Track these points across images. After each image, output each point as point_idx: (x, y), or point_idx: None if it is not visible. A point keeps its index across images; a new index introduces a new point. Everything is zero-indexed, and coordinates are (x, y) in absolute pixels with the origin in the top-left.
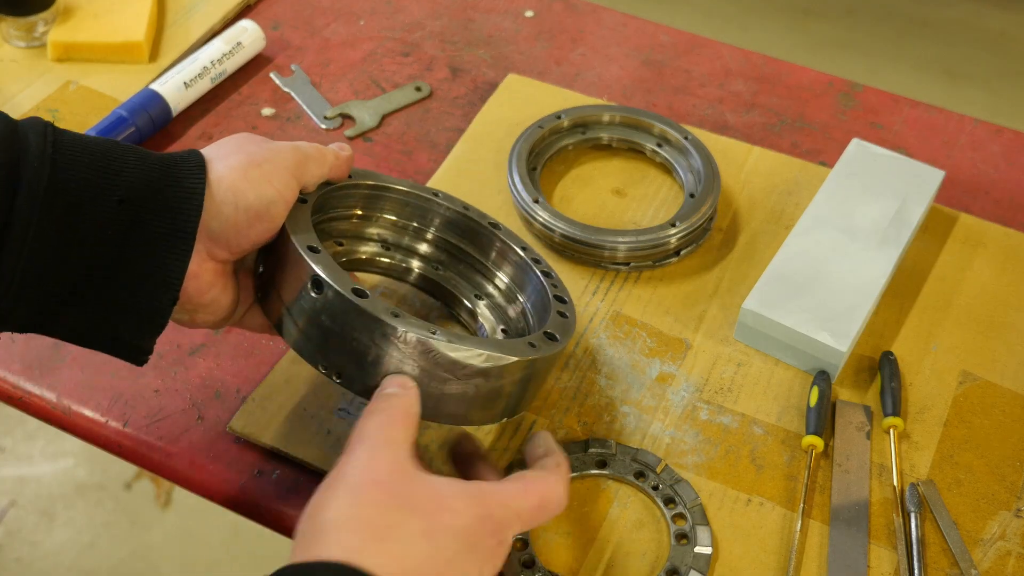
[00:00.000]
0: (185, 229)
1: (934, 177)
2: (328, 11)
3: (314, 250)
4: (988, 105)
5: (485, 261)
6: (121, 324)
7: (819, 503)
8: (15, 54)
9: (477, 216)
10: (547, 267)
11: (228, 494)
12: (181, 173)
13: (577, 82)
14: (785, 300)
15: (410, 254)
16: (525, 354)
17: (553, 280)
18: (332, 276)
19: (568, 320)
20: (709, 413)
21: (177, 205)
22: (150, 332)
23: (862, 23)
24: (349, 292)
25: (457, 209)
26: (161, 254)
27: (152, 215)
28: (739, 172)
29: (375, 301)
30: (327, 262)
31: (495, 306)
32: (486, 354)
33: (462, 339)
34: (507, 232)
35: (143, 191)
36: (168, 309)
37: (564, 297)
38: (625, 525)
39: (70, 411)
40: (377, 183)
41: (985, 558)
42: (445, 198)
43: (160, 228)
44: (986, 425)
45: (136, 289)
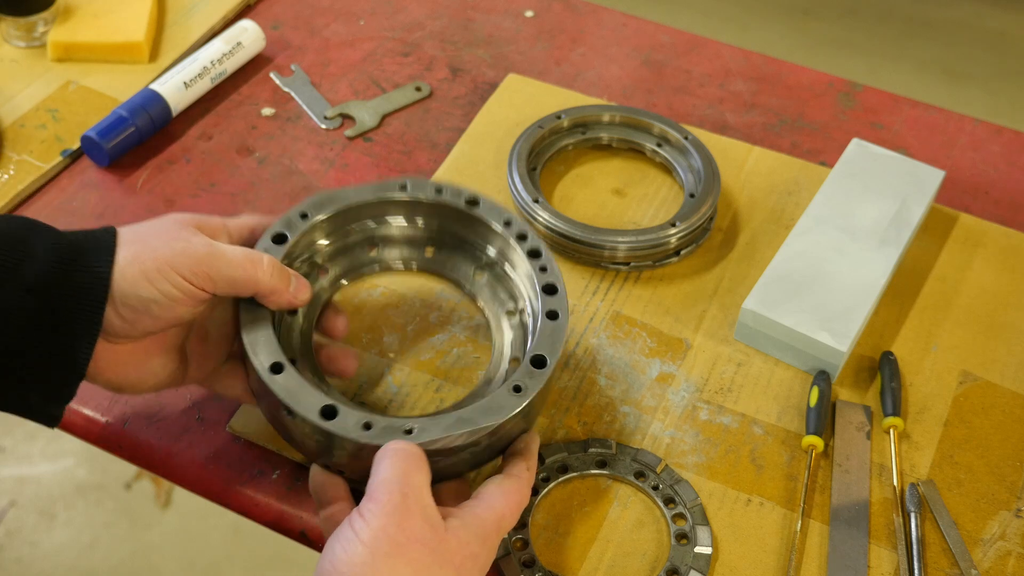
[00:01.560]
0: (92, 313)
1: (934, 177)
2: (328, 11)
3: (277, 369)
4: (988, 105)
5: (473, 240)
6: (31, 395)
7: (819, 503)
8: (15, 54)
9: (452, 197)
10: (535, 243)
11: (228, 494)
12: (89, 258)
13: (577, 82)
14: (785, 300)
15: (398, 246)
16: (511, 408)
17: (542, 261)
18: (297, 400)
19: (558, 323)
20: (709, 413)
21: (84, 290)
22: (57, 402)
23: (862, 23)
24: (318, 416)
25: (429, 197)
26: (68, 337)
27: (60, 300)
28: (739, 172)
29: (345, 418)
30: (291, 384)
31: (498, 277)
32: (467, 432)
33: (440, 423)
34: (488, 207)
35: (51, 277)
36: (75, 385)
37: (555, 284)
38: (625, 525)
39: (70, 411)
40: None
41: (985, 558)
42: (414, 187)
43: (67, 312)
44: (986, 425)
45: (44, 368)
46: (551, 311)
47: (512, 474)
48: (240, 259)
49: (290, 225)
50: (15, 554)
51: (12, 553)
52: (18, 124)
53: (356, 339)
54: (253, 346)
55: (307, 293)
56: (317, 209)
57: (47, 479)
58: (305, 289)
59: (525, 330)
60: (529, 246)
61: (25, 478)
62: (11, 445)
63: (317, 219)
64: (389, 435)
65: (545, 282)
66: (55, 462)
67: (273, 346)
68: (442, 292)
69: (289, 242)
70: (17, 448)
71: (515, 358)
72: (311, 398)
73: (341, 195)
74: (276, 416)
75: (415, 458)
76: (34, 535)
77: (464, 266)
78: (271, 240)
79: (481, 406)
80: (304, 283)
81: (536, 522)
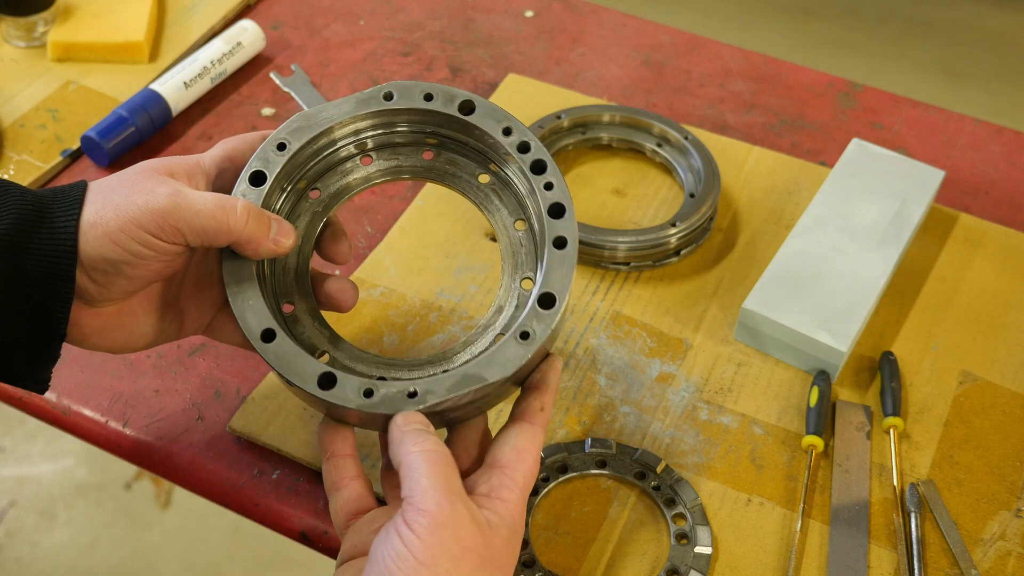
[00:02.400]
0: (62, 272)
1: (934, 177)
2: (328, 11)
3: (268, 337)
4: (988, 105)
5: (473, 144)
6: (14, 359)
7: (819, 503)
8: (15, 54)
9: (443, 104)
10: (539, 155)
11: (228, 494)
12: (55, 213)
13: (577, 82)
14: (785, 300)
15: (391, 153)
16: (519, 359)
17: (547, 176)
18: (292, 370)
19: (567, 251)
20: (709, 413)
21: (51, 249)
22: (43, 366)
23: (862, 23)
24: (314, 386)
25: (417, 106)
26: (42, 297)
27: (27, 259)
28: (739, 172)
29: (344, 385)
30: (283, 351)
31: (504, 183)
32: (473, 389)
33: (445, 382)
34: (485, 112)
35: (15, 235)
36: (57, 347)
37: (563, 204)
38: (625, 525)
39: (70, 411)
40: (318, 134)
41: (985, 558)
42: (400, 94)
43: (38, 271)
44: (986, 425)
45: (23, 330)
46: (558, 238)
47: (525, 423)
48: (210, 207)
49: (267, 161)
50: (15, 554)
51: (12, 553)
52: (18, 124)
53: (356, 339)
54: (241, 312)
55: (290, 238)
56: (296, 136)
57: (47, 479)
58: (288, 233)
59: (536, 244)
60: (532, 158)
61: (25, 478)
62: (11, 445)
63: (296, 148)
64: (392, 402)
65: (551, 201)
66: (55, 462)
67: (261, 308)
68: (442, 292)
69: (268, 181)
70: (17, 448)
71: (527, 277)
72: (307, 365)
73: (319, 115)
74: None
75: (448, 458)
76: (34, 535)
77: (466, 169)
78: (248, 182)
79: (487, 358)
80: (287, 227)
81: (536, 522)
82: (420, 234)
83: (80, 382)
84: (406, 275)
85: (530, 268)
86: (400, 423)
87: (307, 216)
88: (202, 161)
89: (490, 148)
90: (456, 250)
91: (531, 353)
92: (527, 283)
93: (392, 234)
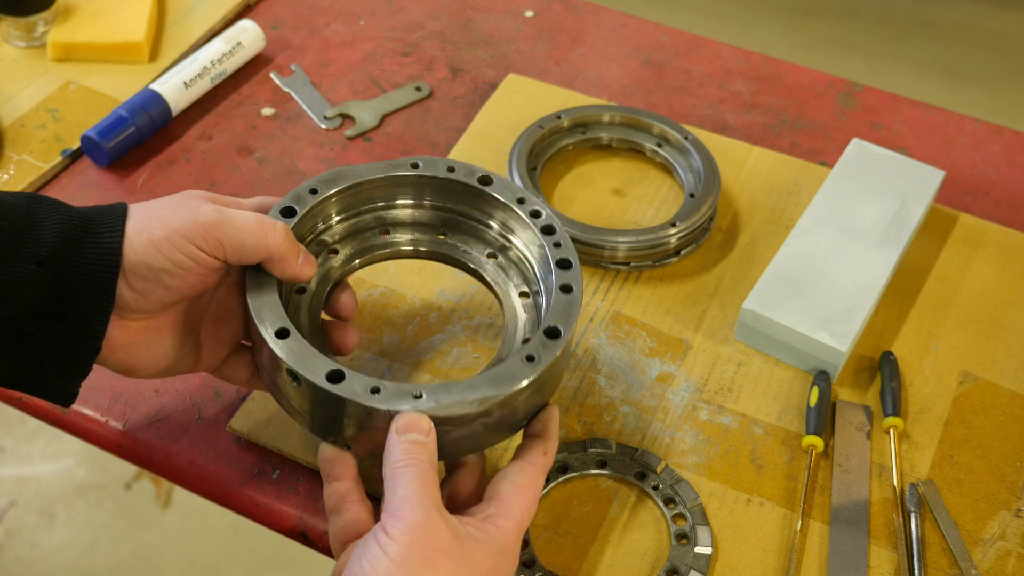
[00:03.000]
0: (105, 285)
1: (934, 177)
2: (328, 11)
3: (282, 334)
4: (988, 105)
5: (486, 221)
6: (47, 372)
7: (819, 503)
8: (15, 54)
9: (464, 176)
10: (549, 220)
11: (228, 494)
12: (100, 230)
13: (577, 82)
14: (785, 300)
15: (410, 230)
16: (523, 377)
17: (556, 237)
18: (303, 364)
19: (573, 296)
20: (709, 413)
21: (95, 262)
22: (75, 378)
23: (862, 23)
24: (323, 380)
25: (441, 175)
26: (82, 309)
27: (71, 273)
28: (739, 172)
29: (352, 381)
30: (296, 348)
31: (510, 260)
32: (477, 399)
33: (450, 390)
34: (501, 185)
35: (62, 249)
36: (92, 359)
37: (569, 259)
38: (625, 525)
39: (70, 411)
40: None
41: (985, 558)
42: (426, 165)
43: (80, 284)
44: (986, 425)
45: (60, 342)
46: (565, 284)
47: (527, 463)
48: (252, 223)
49: (299, 199)
50: (15, 554)
51: (12, 553)
52: (18, 124)
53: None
54: (259, 311)
55: (313, 268)
56: (327, 185)
57: (47, 479)
58: (311, 264)
59: (538, 312)
60: (543, 223)
61: (25, 478)
62: (11, 445)
63: (327, 195)
64: (398, 399)
65: (559, 257)
66: (55, 462)
67: (279, 312)
68: (442, 292)
69: (298, 215)
70: (17, 448)
71: (527, 339)
72: (317, 362)
73: (352, 172)
74: (280, 388)
75: (430, 472)
76: (34, 535)
77: (476, 249)
78: (280, 213)
79: (493, 375)
80: (311, 258)
81: (536, 522)
82: None
83: None
84: (406, 275)
85: (531, 332)
86: (400, 426)
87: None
88: (242, 201)
89: (506, 213)
90: None
91: (536, 374)
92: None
93: None
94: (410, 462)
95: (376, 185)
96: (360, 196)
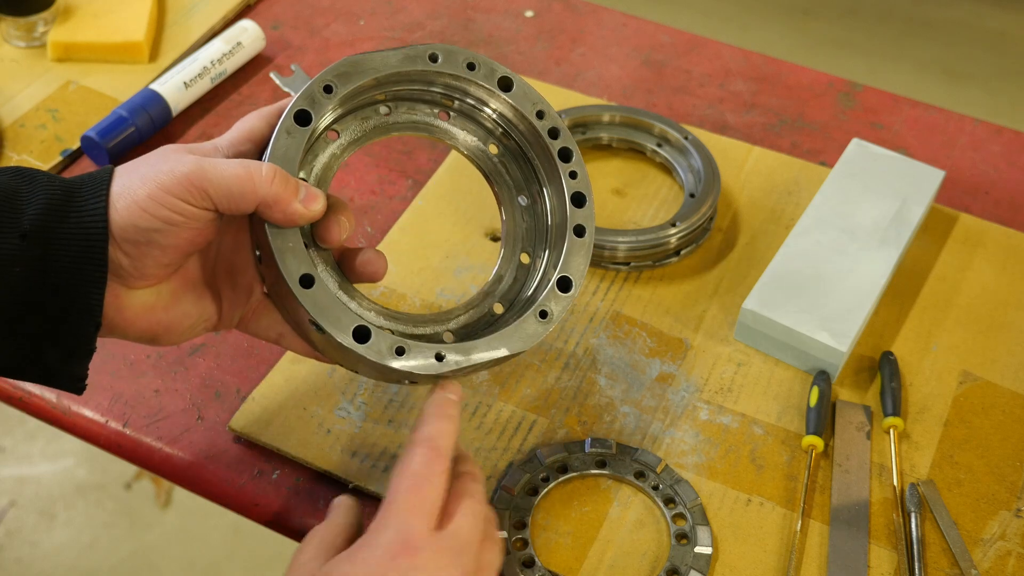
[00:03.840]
0: (95, 254)
1: (934, 177)
2: (328, 11)
3: (307, 282)
4: (988, 105)
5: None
6: (48, 354)
7: (819, 503)
8: (15, 54)
9: (484, 77)
10: (567, 143)
11: (228, 494)
12: (84, 195)
13: (577, 82)
14: (785, 300)
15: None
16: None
17: (572, 165)
18: (328, 318)
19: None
20: (709, 413)
21: (82, 230)
22: (79, 360)
23: (862, 23)
24: (349, 339)
25: (460, 72)
26: (75, 283)
27: (59, 245)
28: (739, 172)
29: (379, 340)
30: (322, 298)
31: (518, 158)
32: (496, 359)
33: (470, 351)
34: (521, 92)
35: (46, 221)
36: (93, 336)
37: (584, 194)
38: (625, 525)
39: (70, 411)
40: (365, 80)
41: (985, 558)
42: (445, 58)
43: (69, 256)
44: (986, 425)
45: (57, 320)
46: (578, 226)
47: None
48: (235, 168)
49: (313, 101)
50: (15, 554)
51: (12, 553)
52: (18, 124)
53: None
54: (281, 252)
55: (319, 202)
56: (343, 81)
57: (47, 479)
58: (316, 198)
59: (536, 221)
60: (560, 145)
61: (25, 478)
62: (11, 445)
63: (344, 92)
64: (422, 358)
65: (574, 190)
66: (55, 462)
67: (302, 252)
68: (442, 292)
69: (313, 122)
70: (17, 448)
71: (525, 251)
72: (343, 316)
73: (366, 63)
74: (304, 330)
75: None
76: (34, 535)
77: (479, 135)
78: (293, 119)
79: (508, 332)
80: (315, 192)
81: (536, 522)
82: (420, 234)
83: None
84: (406, 275)
85: (529, 244)
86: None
87: (324, 157)
88: (219, 144)
89: (524, 126)
90: (456, 250)
91: (549, 330)
92: (524, 256)
93: (392, 234)
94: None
95: (391, 78)
96: (377, 88)
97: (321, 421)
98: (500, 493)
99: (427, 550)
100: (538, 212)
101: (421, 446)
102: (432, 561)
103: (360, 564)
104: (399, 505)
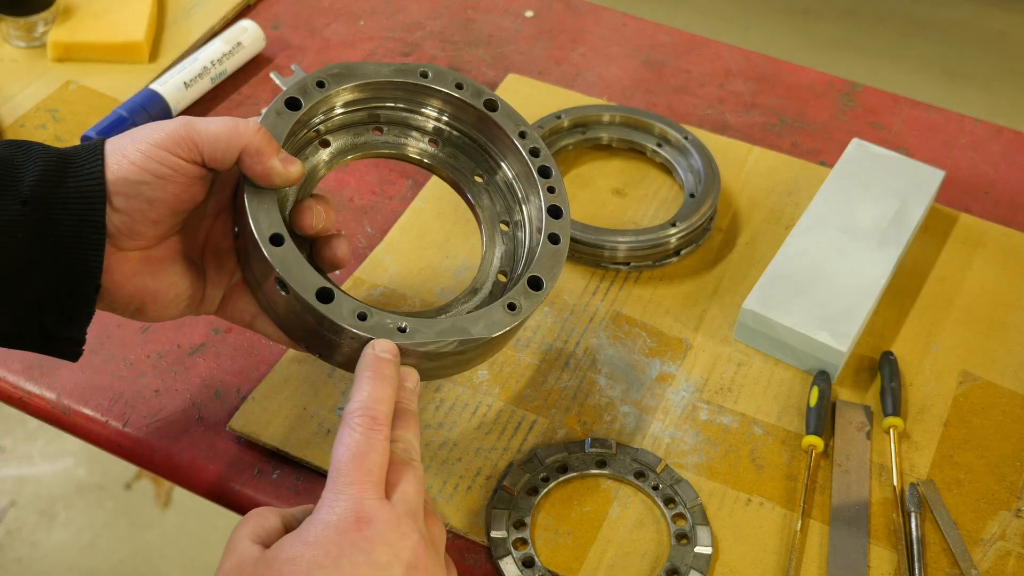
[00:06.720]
0: (93, 216)
1: (934, 177)
2: (328, 11)
3: (276, 241)
4: (988, 105)
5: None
6: (47, 318)
7: (819, 503)
8: (15, 54)
9: (471, 96)
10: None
11: (228, 494)
12: (80, 162)
13: (577, 82)
14: (785, 300)
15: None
16: (505, 324)
17: (551, 181)
18: (295, 276)
19: (559, 247)
20: (709, 413)
21: (80, 193)
22: (78, 323)
23: (862, 23)
24: (313, 297)
25: (448, 90)
26: (74, 245)
27: (58, 209)
28: (739, 172)
29: (340, 303)
30: (288, 257)
31: (498, 185)
32: (458, 340)
33: (432, 325)
34: (506, 113)
35: (45, 186)
36: (93, 298)
37: (560, 208)
38: (625, 525)
39: (70, 411)
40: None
41: (985, 558)
42: (435, 76)
43: (68, 220)
44: (986, 425)
45: (58, 283)
46: (553, 234)
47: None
48: (222, 120)
49: (305, 91)
50: (15, 554)
51: (12, 553)
52: (18, 124)
53: None
54: (255, 212)
55: (297, 167)
56: (336, 80)
57: (47, 479)
58: (295, 162)
59: (517, 245)
60: (540, 163)
61: (25, 478)
62: (11, 445)
63: (334, 90)
64: (382, 330)
65: (551, 203)
66: (55, 462)
67: (275, 215)
68: (442, 292)
69: (302, 109)
70: (17, 448)
71: (502, 271)
72: (309, 276)
73: (359, 69)
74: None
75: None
76: (34, 535)
77: (467, 166)
78: (284, 104)
79: (476, 316)
80: (293, 159)
81: (536, 522)
82: (420, 234)
83: (80, 382)
84: (406, 275)
85: (507, 265)
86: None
87: (313, 160)
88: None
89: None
90: (456, 250)
91: (516, 322)
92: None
93: (392, 234)
94: (352, 437)
95: (383, 87)
96: (366, 94)
97: (321, 421)
98: (500, 493)
99: (379, 521)
100: (519, 238)
101: (360, 415)
102: (388, 531)
103: (313, 543)
104: (345, 478)
